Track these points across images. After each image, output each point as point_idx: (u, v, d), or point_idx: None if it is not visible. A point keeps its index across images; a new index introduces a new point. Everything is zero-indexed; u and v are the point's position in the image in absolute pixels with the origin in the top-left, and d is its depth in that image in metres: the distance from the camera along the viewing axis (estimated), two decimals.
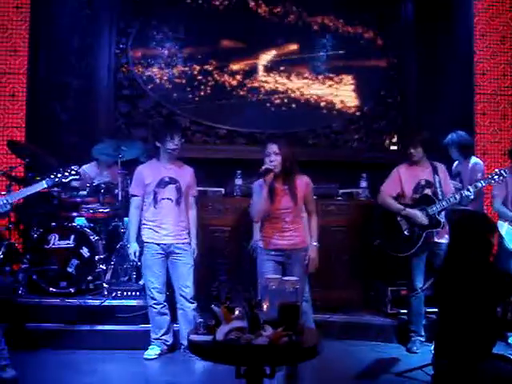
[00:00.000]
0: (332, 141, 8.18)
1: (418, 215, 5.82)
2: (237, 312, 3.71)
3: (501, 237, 6.19)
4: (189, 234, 5.77)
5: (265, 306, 3.73)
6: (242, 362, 3.47)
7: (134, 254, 5.71)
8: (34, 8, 7.45)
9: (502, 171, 5.89)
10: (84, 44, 7.76)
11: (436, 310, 4.38)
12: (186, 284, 5.66)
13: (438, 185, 5.90)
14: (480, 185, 5.89)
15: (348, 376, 5.25)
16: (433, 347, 3.96)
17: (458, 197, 5.79)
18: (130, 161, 6.72)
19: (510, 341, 6.06)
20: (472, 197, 5.83)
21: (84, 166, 6.96)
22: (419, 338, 5.95)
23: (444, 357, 3.74)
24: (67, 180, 5.59)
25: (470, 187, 5.83)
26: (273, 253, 5.09)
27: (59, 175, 5.44)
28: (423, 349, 5.82)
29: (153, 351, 5.66)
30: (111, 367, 5.49)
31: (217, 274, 6.06)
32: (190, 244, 5.74)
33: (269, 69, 8.16)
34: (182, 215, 5.73)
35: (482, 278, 3.66)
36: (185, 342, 5.34)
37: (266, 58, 8.13)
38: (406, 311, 6.26)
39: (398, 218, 5.94)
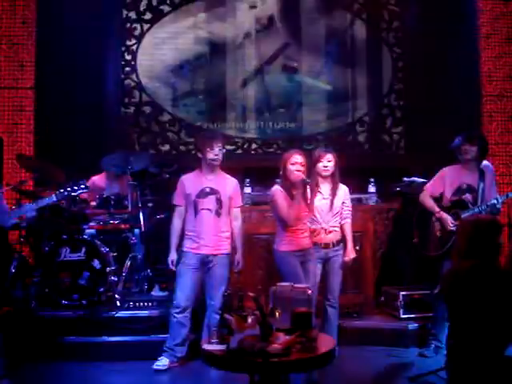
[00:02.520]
0: (339, 146, 8.18)
1: (448, 221, 5.79)
2: (249, 320, 3.72)
3: None
4: (230, 244, 5.75)
5: (277, 314, 3.74)
6: (255, 370, 3.48)
7: (172, 262, 5.71)
8: (40, 23, 7.50)
9: None
10: (90, 56, 7.79)
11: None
12: (216, 294, 5.64)
13: (480, 191, 5.77)
14: (511, 195, 5.86)
15: (362, 381, 5.27)
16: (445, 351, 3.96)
17: (489, 204, 5.71)
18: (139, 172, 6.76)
19: None
20: (499, 206, 5.79)
21: (93, 177, 7.00)
22: (437, 342, 5.90)
23: (456, 360, 3.74)
24: (76, 194, 5.69)
25: (498, 197, 5.78)
26: (294, 253, 5.27)
27: (68, 189, 5.66)
28: (437, 354, 5.79)
29: (162, 362, 5.62)
30: (124, 378, 5.49)
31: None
32: (229, 255, 5.72)
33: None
34: (223, 226, 5.71)
35: (491, 280, 3.65)
36: None
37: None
38: (417, 316, 6.27)
39: (433, 219, 5.92)
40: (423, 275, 6.28)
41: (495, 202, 5.72)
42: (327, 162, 5.45)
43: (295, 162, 5.16)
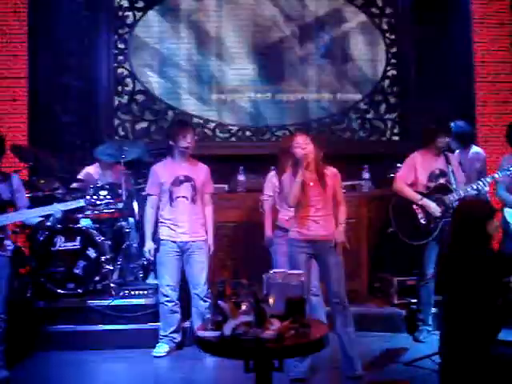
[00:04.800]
0: (332, 132, 8.18)
1: (432, 207, 5.82)
2: (243, 307, 3.73)
3: (506, 223, 6.20)
4: (205, 231, 5.81)
5: (271, 300, 3.75)
6: (250, 356, 3.49)
7: (149, 252, 5.76)
8: (32, 12, 7.46)
9: None
10: (83, 45, 7.79)
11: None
12: (199, 282, 5.70)
13: (451, 174, 5.90)
14: (497, 175, 5.92)
15: None
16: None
17: (475, 187, 5.80)
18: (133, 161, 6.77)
19: None
20: (486, 188, 5.85)
21: (87, 168, 7.00)
22: (427, 327, 5.98)
23: (450, 345, 3.76)
24: (102, 203, 6.12)
25: (485, 179, 5.85)
26: (303, 243, 5.00)
27: (95, 197, 6.02)
28: (430, 338, 5.83)
29: (161, 348, 5.69)
30: (121, 366, 5.54)
31: (222, 270, 6.07)
32: (206, 241, 5.78)
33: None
34: (198, 213, 5.77)
35: (481, 264, 3.67)
36: None
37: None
38: (412, 301, 6.31)
39: (414, 206, 5.92)
40: (414, 261, 6.29)
41: (482, 184, 5.77)
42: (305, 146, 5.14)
43: (298, 144, 4.99)
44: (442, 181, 5.93)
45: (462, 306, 3.69)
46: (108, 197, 5.97)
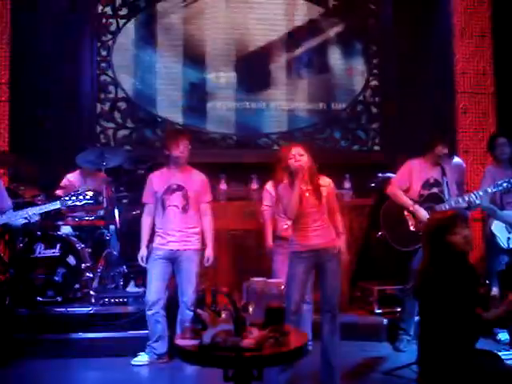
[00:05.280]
0: (315, 142, 8.20)
1: (422, 214, 5.84)
2: (223, 315, 3.73)
3: (492, 234, 6.23)
4: (199, 240, 5.75)
5: (250, 309, 3.75)
6: (228, 364, 3.48)
7: (142, 258, 5.73)
8: (15, 17, 7.42)
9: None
10: (66, 51, 7.76)
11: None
12: (187, 291, 5.65)
13: (445, 185, 5.91)
14: (490, 190, 5.94)
15: None
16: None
17: (466, 198, 5.84)
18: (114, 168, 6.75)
19: (498, 337, 6.12)
20: (478, 202, 5.88)
21: (68, 175, 6.97)
22: (407, 336, 5.99)
23: (425, 353, 3.79)
24: (81, 204, 5.82)
25: (479, 192, 5.89)
26: (305, 254, 5.00)
27: (73, 197, 5.72)
28: (411, 347, 5.84)
29: (140, 358, 5.64)
30: (100, 374, 5.49)
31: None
32: (198, 251, 5.73)
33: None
34: (191, 222, 5.72)
35: (445, 275, 3.70)
36: None
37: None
38: (394, 310, 6.33)
39: (405, 213, 5.96)
40: (396, 270, 6.32)
41: (474, 198, 5.81)
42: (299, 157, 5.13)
43: (292, 156, 4.99)
44: (435, 190, 5.96)
45: (433, 314, 3.73)
46: (87, 197, 5.89)
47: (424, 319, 3.88)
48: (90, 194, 5.76)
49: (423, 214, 5.85)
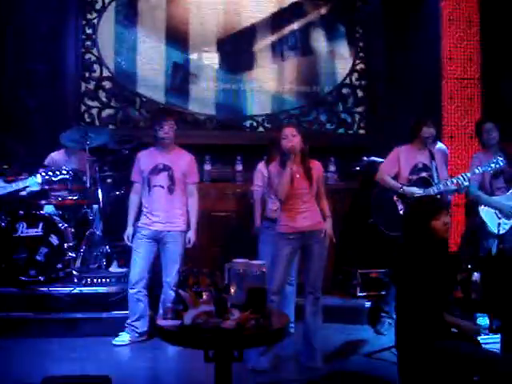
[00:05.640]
0: (300, 124, 8.17)
1: (415, 190, 5.85)
2: (204, 296, 3.74)
3: (482, 221, 6.25)
4: (185, 221, 5.78)
5: (232, 290, 3.76)
6: (209, 345, 3.49)
7: (128, 237, 5.75)
8: None
9: (499, 160, 5.92)
10: (50, 29, 7.66)
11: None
12: (171, 271, 5.68)
13: (434, 170, 5.93)
14: (477, 171, 5.96)
15: None
16: None
17: (455, 180, 5.86)
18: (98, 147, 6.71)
19: (477, 321, 6.16)
20: (466, 183, 5.90)
21: (52, 154, 6.91)
22: (389, 320, 6.02)
23: (400, 336, 3.83)
24: (57, 179, 5.93)
25: (467, 174, 5.91)
26: (292, 236, 5.06)
27: (50, 173, 5.86)
28: (392, 330, 5.87)
29: (121, 337, 5.68)
30: (81, 354, 5.46)
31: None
32: (183, 232, 5.75)
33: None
34: (176, 203, 5.74)
35: (423, 260, 3.74)
36: None
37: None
38: (375, 293, 6.37)
39: (395, 198, 5.98)
40: (381, 255, 6.34)
41: (463, 180, 5.83)
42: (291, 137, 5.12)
43: (285, 136, 5.03)
44: (424, 175, 5.97)
45: (408, 298, 3.77)
46: (64, 172, 5.92)
47: (399, 303, 3.91)
48: (66, 169, 5.88)
49: (412, 190, 5.87)
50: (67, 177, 5.98)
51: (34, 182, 5.98)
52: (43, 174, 5.89)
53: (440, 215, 3.83)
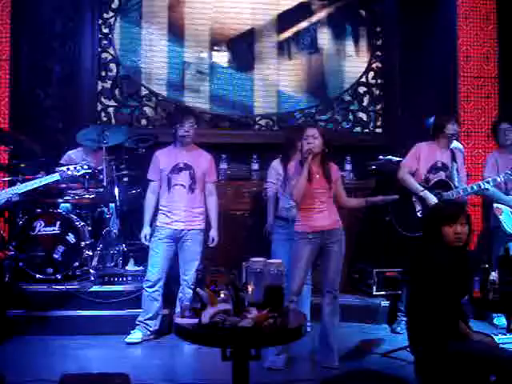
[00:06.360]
0: (316, 123, 8.15)
1: (430, 199, 5.74)
2: (222, 295, 3.74)
3: (497, 220, 6.21)
4: (204, 220, 5.81)
5: (250, 289, 3.76)
6: (226, 344, 3.49)
7: (145, 237, 5.76)
8: None
9: None
10: (67, 29, 7.72)
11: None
12: (189, 270, 5.70)
13: (454, 171, 5.87)
14: (499, 179, 5.90)
15: None
16: None
17: (475, 187, 5.81)
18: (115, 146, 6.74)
19: (494, 321, 6.13)
20: (489, 187, 5.85)
21: (70, 152, 6.95)
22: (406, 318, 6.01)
23: (416, 340, 3.81)
24: (79, 174, 5.98)
25: (489, 180, 5.85)
26: (311, 236, 5.05)
27: (72, 169, 5.90)
28: None
29: (134, 335, 5.69)
30: (98, 352, 5.52)
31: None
32: (202, 231, 5.78)
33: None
34: (196, 201, 5.77)
35: (433, 263, 3.72)
36: None
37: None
38: (391, 292, 6.35)
39: (413, 199, 5.89)
40: (398, 254, 6.32)
41: (486, 185, 5.80)
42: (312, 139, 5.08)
43: (306, 137, 5.03)
44: (442, 175, 5.89)
45: (420, 300, 3.75)
46: (85, 167, 5.96)
47: (412, 304, 3.89)
48: (88, 163, 5.99)
49: (432, 199, 5.80)
50: (89, 171, 6.04)
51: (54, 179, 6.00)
52: (64, 170, 5.92)
53: (454, 223, 3.76)
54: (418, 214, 5.90)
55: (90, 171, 6.07)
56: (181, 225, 5.69)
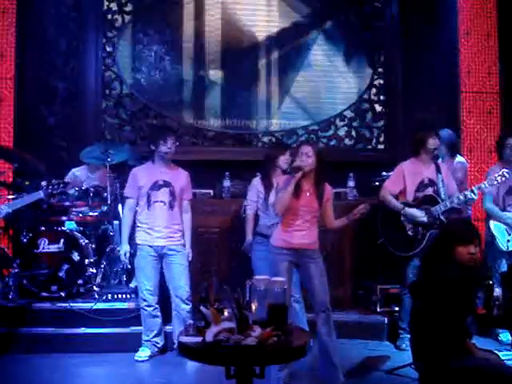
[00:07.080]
0: (319, 140, 8.17)
1: (417, 214, 5.81)
2: (226, 313, 3.74)
3: (492, 236, 6.22)
4: (183, 236, 5.83)
5: (253, 307, 3.76)
6: (231, 362, 3.49)
7: (125, 255, 5.77)
8: (21, 12, 7.45)
9: (505, 172, 5.82)
10: (71, 47, 7.77)
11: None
12: (180, 285, 5.71)
13: (441, 184, 5.88)
14: (484, 186, 5.86)
15: None
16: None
17: (462, 198, 5.79)
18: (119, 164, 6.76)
19: (500, 337, 6.12)
20: (476, 198, 5.84)
21: (74, 170, 6.99)
22: (407, 335, 5.99)
23: (420, 356, 3.80)
24: (63, 190, 6.05)
25: (474, 188, 5.83)
26: (286, 251, 5.02)
27: (55, 186, 5.91)
28: None
29: (143, 353, 5.69)
30: (102, 370, 5.52)
31: (206, 276, 6.07)
32: (183, 246, 5.80)
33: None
34: (176, 218, 5.79)
35: (440, 283, 3.70)
36: None
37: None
38: (395, 309, 6.34)
39: (402, 218, 5.92)
40: (394, 273, 6.35)
41: (472, 195, 5.77)
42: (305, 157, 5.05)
43: (300, 154, 5.01)
44: (430, 190, 5.92)
45: (426, 316, 3.73)
46: (61, 186, 5.99)
47: (416, 320, 3.88)
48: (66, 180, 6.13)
49: (414, 213, 5.83)
50: (64, 189, 6.05)
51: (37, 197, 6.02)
52: (46, 187, 5.92)
53: (469, 244, 3.76)
54: (409, 232, 5.90)
55: (62, 186, 6.06)
56: (162, 241, 5.71)
